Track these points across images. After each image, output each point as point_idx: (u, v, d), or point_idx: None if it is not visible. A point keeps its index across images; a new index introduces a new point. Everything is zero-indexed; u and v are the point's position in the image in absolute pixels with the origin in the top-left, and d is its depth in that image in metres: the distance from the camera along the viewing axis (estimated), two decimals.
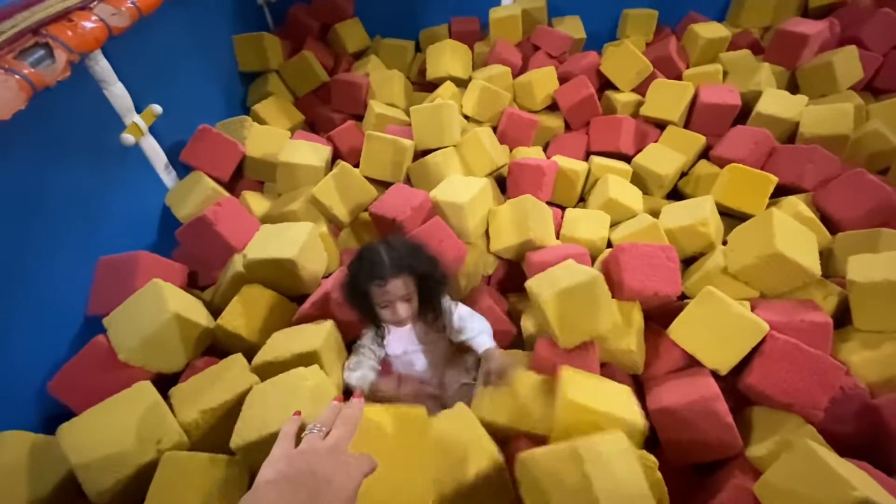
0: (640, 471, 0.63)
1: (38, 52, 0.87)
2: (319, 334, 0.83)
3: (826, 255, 1.10)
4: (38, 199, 0.90)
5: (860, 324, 0.93)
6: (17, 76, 0.81)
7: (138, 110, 1.14)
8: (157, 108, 1.18)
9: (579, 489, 0.61)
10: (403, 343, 0.93)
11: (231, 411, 0.74)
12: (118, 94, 1.07)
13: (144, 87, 1.16)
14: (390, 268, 0.81)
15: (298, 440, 0.46)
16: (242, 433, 0.68)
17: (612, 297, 0.96)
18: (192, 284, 1.13)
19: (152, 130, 1.19)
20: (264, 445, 0.66)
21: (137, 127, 1.12)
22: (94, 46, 0.97)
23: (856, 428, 0.83)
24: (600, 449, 0.63)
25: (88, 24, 0.97)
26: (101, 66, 1.03)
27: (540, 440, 0.79)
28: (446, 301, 0.93)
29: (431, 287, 0.88)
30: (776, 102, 1.40)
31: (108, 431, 0.67)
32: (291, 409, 0.64)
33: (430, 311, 0.91)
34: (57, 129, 0.94)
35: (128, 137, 1.09)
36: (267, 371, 0.78)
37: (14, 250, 0.85)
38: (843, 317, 0.97)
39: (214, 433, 0.74)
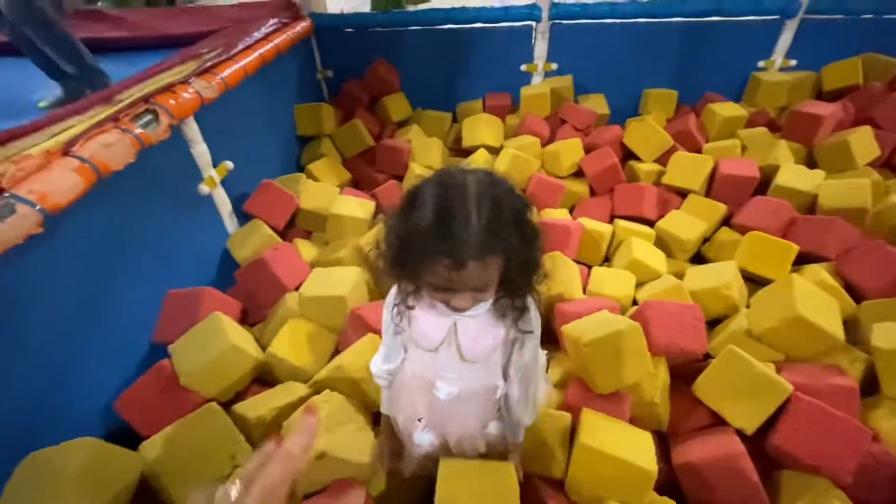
0: None
1: (147, 117, 1.05)
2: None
3: (852, 324, 1.11)
4: (127, 235, 1.04)
5: (889, 391, 0.93)
6: (130, 135, 0.98)
7: (214, 165, 1.31)
8: (229, 164, 1.36)
9: None
10: (432, 340, 0.65)
11: (291, 409, 0.85)
12: (201, 151, 1.25)
13: (221, 146, 1.34)
14: (479, 245, 0.50)
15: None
16: None
17: None
18: (242, 321, 1.23)
19: (222, 183, 1.36)
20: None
21: (213, 179, 1.29)
22: (189, 113, 1.16)
23: (890, 497, 0.81)
24: None
25: (187, 95, 1.16)
26: (192, 129, 1.21)
27: (557, 483, 0.82)
28: (531, 305, 0.65)
29: (518, 277, 0.58)
30: (794, 176, 1.48)
31: (188, 449, 0.76)
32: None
33: (509, 309, 0.63)
34: (150, 179, 1.10)
35: (204, 188, 1.25)
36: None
37: (101, 280, 0.98)
38: (872, 384, 0.98)
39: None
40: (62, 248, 0.88)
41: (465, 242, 0.49)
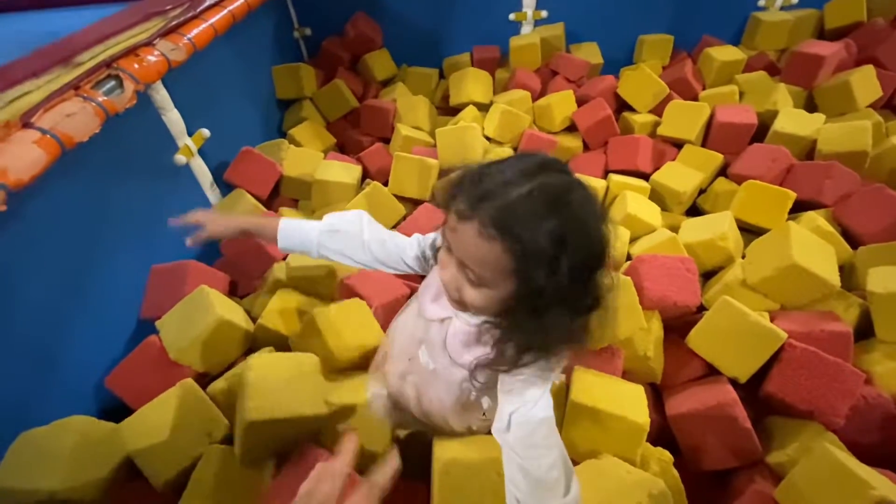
0: None
1: (111, 83, 0.99)
2: None
3: (848, 269, 1.11)
4: (102, 211, 1.00)
5: (882, 335, 0.93)
6: (93, 103, 0.92)
7: (189, 133, 1.25)
8: (205, 132, 1.29)
9: None
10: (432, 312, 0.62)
11: None
12: (174, 119, 1.18)
13: (195, 113, 1.27)
14: (497, 212, 0.43)
15: None
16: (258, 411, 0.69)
17: None
18: (232, 293, 1.21)
19: (200, 152, 1.30)
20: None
21: (189, 148, 1.23)
22: (156, 78, 1.09)
23: (881, 437, 0.83)
24: None
25: (152, 58, 1.09)
26: (161, 95, 1.14)
27: None
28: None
29: (525, 318, 0.48)
30: (793, 121, 1.43)
31: (164, 427, 0.74)
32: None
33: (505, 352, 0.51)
34: (121, 150, 1.05)
35: (180, 158, 1.20)
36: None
37: (80, 258, 0.95)
38: (866, 329, 0.98)
39: None
40: (34, 227, 0.85)
41: (488, 198, 0.44)
